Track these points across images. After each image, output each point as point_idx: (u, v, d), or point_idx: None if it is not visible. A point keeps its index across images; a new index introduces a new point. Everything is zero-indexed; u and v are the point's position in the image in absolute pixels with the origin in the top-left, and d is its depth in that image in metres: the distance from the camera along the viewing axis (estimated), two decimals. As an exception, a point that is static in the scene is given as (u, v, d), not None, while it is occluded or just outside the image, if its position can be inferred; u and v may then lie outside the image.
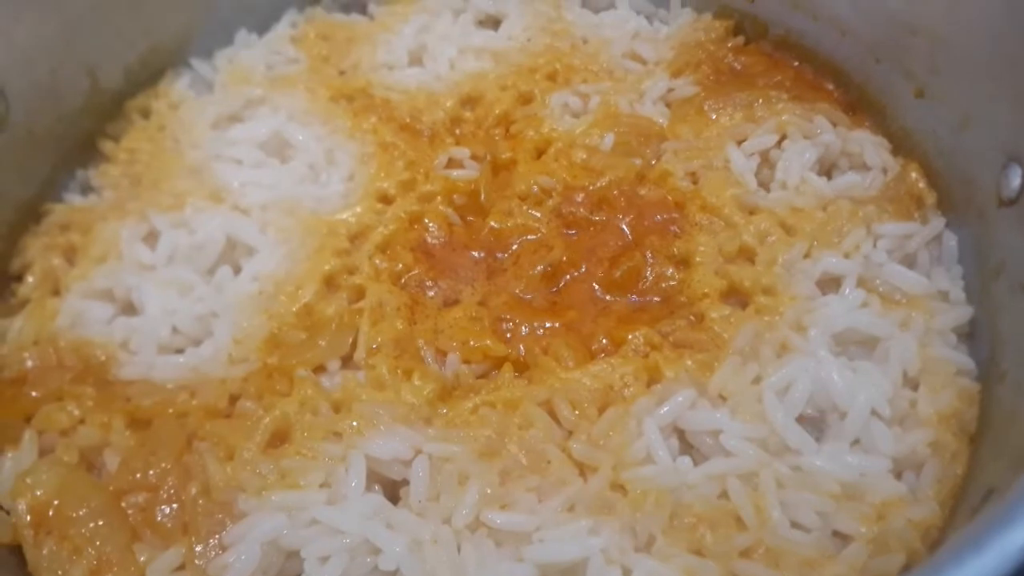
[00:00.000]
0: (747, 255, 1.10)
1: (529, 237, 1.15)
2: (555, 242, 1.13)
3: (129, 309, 1.08)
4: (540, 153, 1.23)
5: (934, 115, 1.12)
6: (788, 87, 1.27)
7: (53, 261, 1.12)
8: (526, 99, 1.28)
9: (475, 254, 1.15)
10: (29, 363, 1.03)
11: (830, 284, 1.07)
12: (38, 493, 0.90)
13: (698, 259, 1.09)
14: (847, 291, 1.05)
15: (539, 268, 1.11)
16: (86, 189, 1.21)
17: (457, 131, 1.26)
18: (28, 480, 0.91)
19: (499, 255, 1.14)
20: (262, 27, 1.36)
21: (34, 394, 1.00)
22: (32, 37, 1.10)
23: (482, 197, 1.19)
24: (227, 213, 1.14)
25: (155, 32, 1.26)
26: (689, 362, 0.99)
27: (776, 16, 1.30)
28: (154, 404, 0.99)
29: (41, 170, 1.16)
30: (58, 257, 1.12)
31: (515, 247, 1.14)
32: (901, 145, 1.17)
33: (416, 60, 1.34)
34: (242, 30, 1.35)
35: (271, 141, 1.22)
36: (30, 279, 1.11)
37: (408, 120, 1.26)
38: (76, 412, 0.98)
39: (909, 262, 1.09)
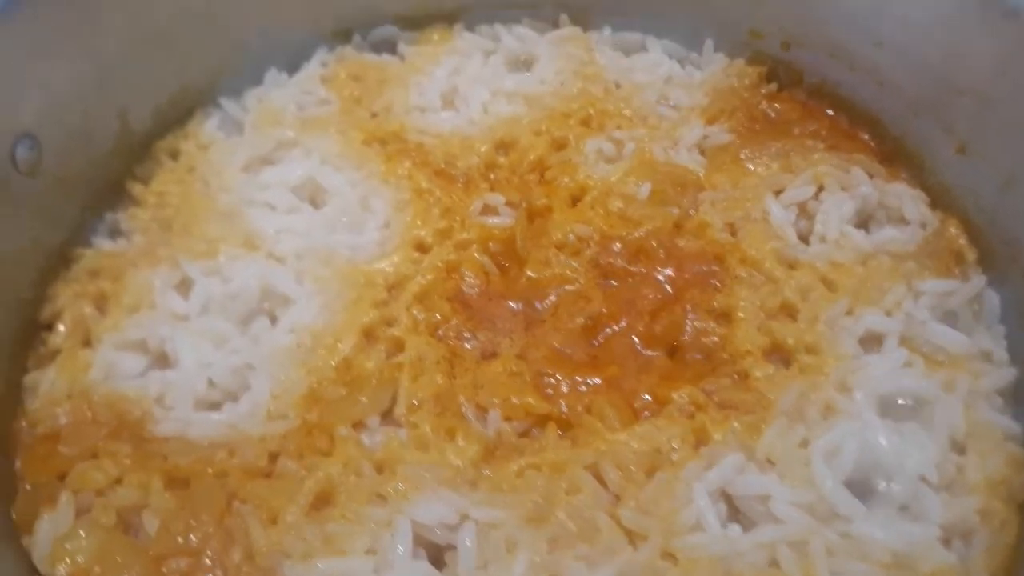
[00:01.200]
0: (789, 311, 1.09)
1: (567, 288, 1.13)
2: (593, 293, 1.12)
3: (163, 361, 1.06)
4: (575, 200, 1.22)
5: (976, 172, 1.12)
6: (823, 136, 1.27)
7: (84, 310, 1.09)
8: (560, 145, 1.27)
9: (512, 304, 1.13)
10: (62, 419, 1.00)
11: (872, 342, 1.06)
12: (79, 559, 0.88)
13: (740, 315, 1.08)
14: (890, 351, 1.04)
15: (578, 321, 1.10)
16: (115, 233, 1.19)
17: (491, 176, 1.25)
18: (67, 545, 0.89)
19: (537, 305, 1.13)
20: (292, 66, 1.34)
21: (68, 451, 0.98)
22: (66, 81, 1.08)
23: (518, 245, 1.18)
24: (262, 261, 1.12)
25: (185, 72, 1.24)
26: (736, 424, 0.98)
27: (811, 64, 1.29)
28: (192, 463, 0.96)
29: (70, 214, 1.14)
30: (89, 305, 1.10)
31: (553, 298, 1.13)
32: (939, 199, 1.17)
33: (448, 103, 1.32)
34: (272, 69, 1.33)
35: (304, 185, 1.20)
36: (61, 328, 1.08)
37: (443, 165, 1.24)
38: (112, 471, 0.96)
39: (950, 319, 1.09)
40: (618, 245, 1.16)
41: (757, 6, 1.29)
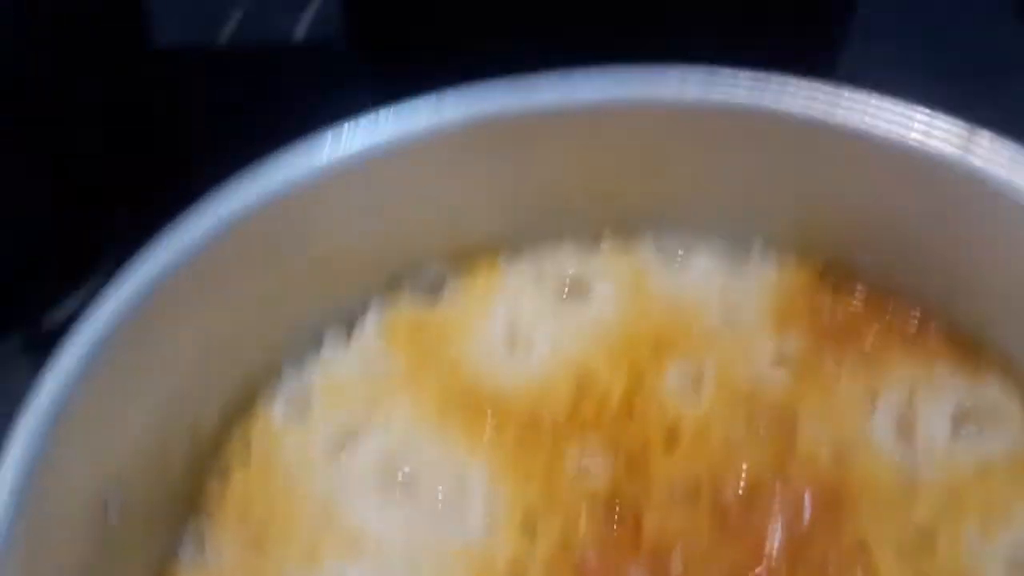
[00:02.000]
0: (924, 540, 1.06)
1: (690, 541, 1.09)
2: (720, 543, 1.08)
3: None
4: (670, 435, 1.18)
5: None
6: (895, 336, 1.27)
7: (189, 655, 0.99)
8: (638, 377, 1.24)
9: (637, 569, 1.08)
10: None
11: (1016, 567, 1.04)
12: None
13: (876, 549, 1.05)
14: (1037, 573, 1.03)
15: (714, 579, 1.06)
16: (197, 550, 1.09)
17: (578, 422, 1.20)
18: None
19: (664, 567, 1.08)
20: (347, 323, 1.28)
21: None
22: (143, 417, 1.00)
23: (625, 498, 1.13)
24: (370, 561, 1.04)
25: (249, 367, 1.17)
26: None
27: (871, 264, 1.29)
28: None
29: (153, 546, 1.05)
30: (193, 648, 1.00)
31: (679, 555, 1.08)
32: (1031, 394, 1.18)
33: (512, 344, 1.28)
34: (330, 331, 1.26)
35: (390, 466, 1.13)
36: None
37: (527, 419, 1.19)
38: None
39: (1077, 523, 1.08)
40: (730, 485, 1.13)
41: (810, 216, 1.29)
